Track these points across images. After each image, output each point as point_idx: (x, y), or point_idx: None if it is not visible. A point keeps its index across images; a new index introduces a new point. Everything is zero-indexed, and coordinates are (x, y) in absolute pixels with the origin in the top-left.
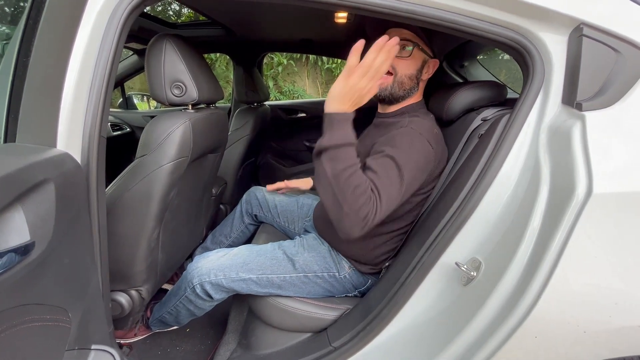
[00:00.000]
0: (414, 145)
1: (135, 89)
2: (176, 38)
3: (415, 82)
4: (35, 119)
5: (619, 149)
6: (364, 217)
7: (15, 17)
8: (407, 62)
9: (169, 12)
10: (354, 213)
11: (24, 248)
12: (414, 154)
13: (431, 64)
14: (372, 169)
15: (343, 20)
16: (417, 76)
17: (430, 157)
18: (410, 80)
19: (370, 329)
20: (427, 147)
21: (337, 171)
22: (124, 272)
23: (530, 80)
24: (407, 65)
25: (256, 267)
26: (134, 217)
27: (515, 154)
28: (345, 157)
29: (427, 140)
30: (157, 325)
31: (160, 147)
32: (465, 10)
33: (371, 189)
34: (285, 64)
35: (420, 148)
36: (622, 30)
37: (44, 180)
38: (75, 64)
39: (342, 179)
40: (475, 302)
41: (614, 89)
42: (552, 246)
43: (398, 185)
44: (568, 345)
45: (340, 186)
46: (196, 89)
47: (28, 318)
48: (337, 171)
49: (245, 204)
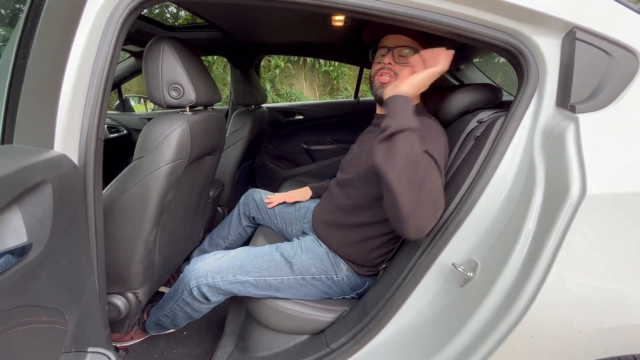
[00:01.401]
0: (434, 132)
1: (133, 91)
2: (174, 40)
3: None
4: (33, 120)
5: (612, 151)
6: (439, 209)
7: (13, 19)
8: (408, 67)
9: (167, 14)
10: (431, 202)
11: (21, 249)
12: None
13: None
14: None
15: (340, 24)
16: None
17: (446, 144)
18: None
19: (367, 330)
20: (444, 136)
21: (417, 153)
22: (120, 274)
23: (524, 83)
24: (408, 70)
25: (253, 269)
26: (131, 219)
27: (510, 156)
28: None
29: (439, 129)
30: (154, 328)
31: (158, 150)
32: (461, 13)
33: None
34: (282, 67)
35: (440, 133)
36: (614, 33)
37: (41, 182)
38: (73, 66)
39: (423, 162)
40: (472, 303)
41: (606, 92)
42: (547, 247)
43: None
44: (563, 344)
45: (422, 169)
46: (194, 91)
47: (24, 320)
48: (417, 153)
49: (242, 206)
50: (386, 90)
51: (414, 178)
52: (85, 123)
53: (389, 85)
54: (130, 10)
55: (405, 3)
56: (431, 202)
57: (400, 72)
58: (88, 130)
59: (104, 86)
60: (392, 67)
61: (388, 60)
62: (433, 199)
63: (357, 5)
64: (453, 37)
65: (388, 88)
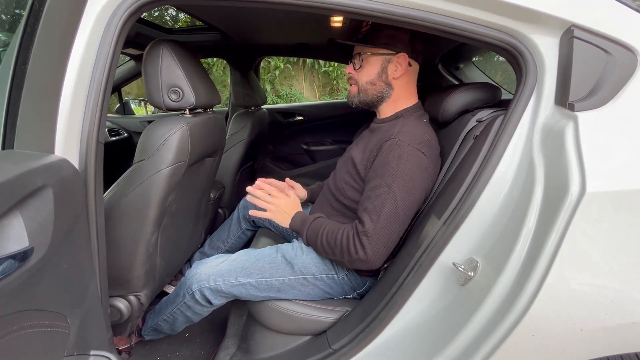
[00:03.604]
0: (402, 160)
1: (133, 94)
2: (173, 43)
3: (383, 84)
4: (33, 125)
5: (611, 148)
6: (354, 254)
7: (12, 24)
8: (361, 72)
9: (166, 17)
10: (346, 257)
11: (23, 254)
12: (407, 171)
13: (400, 59)
14: (369, 210)
15: (339, 24)
16: (382, 79)
17: (423, 165)
18: (373, 85)
19: (369, 330)
20: (419, 157)
21: (317, 242)
22: (122, 277)
23: (523, 82)
24: (363, 74)
25: (255, 271)
26: (132, 222)
27: (509, 155)
28: (313, 230)
29: (416, 150)
30: (151, 334)
31: (158, 152)
32: (459, 13)
33: (349, 228)
34: (282, 68)
35: (411, 159)
36: (612, 32)
37: (42, 186)
38: (73, 70)
39: (324, 243)
40: (473, 302)
41: (605, 90)
42: (547, 245)
43: (395, 220)
44: (565, 343)
45: (325, 248)
46: (193, 94)
47: (27, 324)
48: (317, 242)
49: (242, 210)
50: (281, 224)
51: (331, 254)
52: (85, 127)
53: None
54: (130, 14)
55: (402, 3)
56: (351, 258)
57: (358, 78)
58: (88, 134)
59: (104, 90)
60: (352, 75)
61: (349, 70)
62: (351, 254)
63: (354, 7)
64: (451, 37)
65: (280, 222)
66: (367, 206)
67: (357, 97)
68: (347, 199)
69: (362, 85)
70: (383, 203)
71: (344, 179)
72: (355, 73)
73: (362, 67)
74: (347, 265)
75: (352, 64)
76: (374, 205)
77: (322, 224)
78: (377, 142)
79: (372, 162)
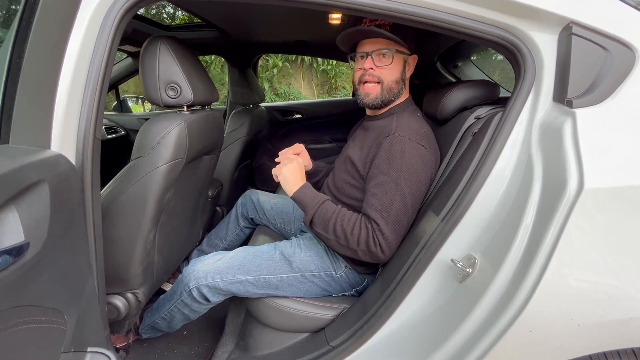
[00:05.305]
0: (406, 155)
1: (130, 92)
2: (170, 39)
3: (402, 83)
4: (29, 120)
5: (609, 145)
6: (373, 248)
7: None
8: (389, 69)
9: (163, 14)
10: (363, 248)
11: (18, 248)
12: (411, 166)
13: (411, 61)
14: (377, 207)
15: (337, 22)
16: (402, 77)
17: (426, 158)
18: (397, 83)
19: (367, 327)
20: (421, 150)
21: (328, 226)
22: (120, 274)
23: (521, 79)
24: (390, 71)
25: (253, 268)
26: (129, 219)
27: (508, 152)
28: (326, 211)
29: (417, 143)
30: (148, 332)
31: (156, 149)
32: (458, 10)
33: (366, 222)
34: (280, 66)
35: (414, 153)
36: (610, 28)
37: (38, 181)
38: (69, 65)
39: (337, 229)
40: (471, 298)
41: (603, 87)
42: (545, 241)
43: (405, 215)
44: (562, 338)
45: (338, 235)
46: (191, 91)
47: (23, 320)
48: (328, 226)
49: (240, 207)
50: (285, 190)
51: (341, 243)
52: (82, 122)
53: (375, 91)
54: (126, 9)
55: (401, 0)
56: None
57: (383, 76)
58: (85, 130)
59: (100, 85)
60: (373, 71)
61: (369, 65)
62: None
63: (353, 3)
64: (449, 34)
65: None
66: (374, 203)
67: (380, 96)
68: (348, 197)
69: (386, 84)
70: (392, 200)
71: (344, 178)
72: (379, 69)
73: (392, 63)
74: (352, 255)
75: (371, 60)
76: (383, 203)
77: (336, 207)
78: (374, 139)
79: (372, 159)
